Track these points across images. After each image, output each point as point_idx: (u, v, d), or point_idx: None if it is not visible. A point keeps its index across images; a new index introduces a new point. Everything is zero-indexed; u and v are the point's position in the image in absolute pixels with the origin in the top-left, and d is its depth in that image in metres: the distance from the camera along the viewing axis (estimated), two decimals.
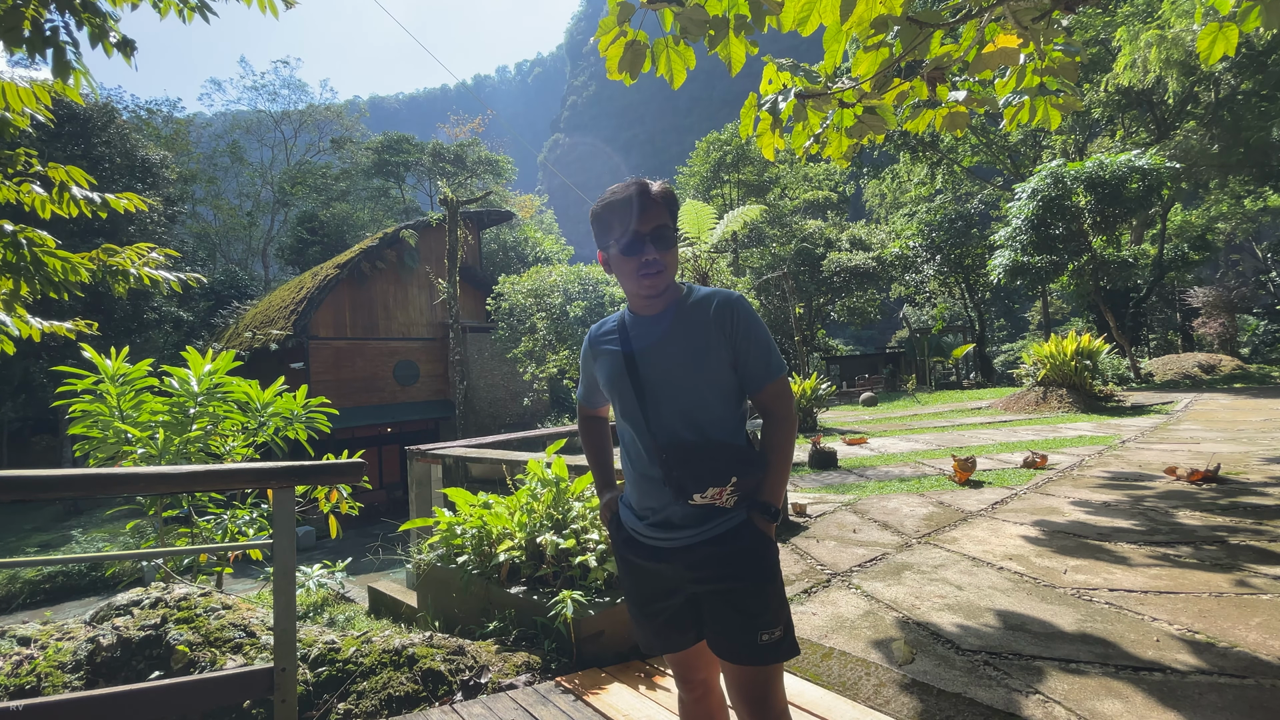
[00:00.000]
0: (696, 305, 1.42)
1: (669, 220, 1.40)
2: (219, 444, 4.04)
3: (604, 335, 1.53)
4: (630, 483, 1.50)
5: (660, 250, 1.35)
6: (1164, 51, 12.75)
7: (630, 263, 1.36)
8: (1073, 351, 9.93)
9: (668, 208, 1.40)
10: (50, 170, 3.29)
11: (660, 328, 1.42)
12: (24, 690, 2.27)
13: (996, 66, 2.51)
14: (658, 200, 1.37)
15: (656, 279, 1.36)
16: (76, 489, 1.58)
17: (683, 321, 1.41)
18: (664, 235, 1.37)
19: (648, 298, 1.41)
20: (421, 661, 2.46)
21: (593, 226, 1.42)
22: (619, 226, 1.36)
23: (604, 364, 1.49)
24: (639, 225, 1.34)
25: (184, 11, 3.51)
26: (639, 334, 1.44)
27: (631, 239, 1.35)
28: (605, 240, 1.40)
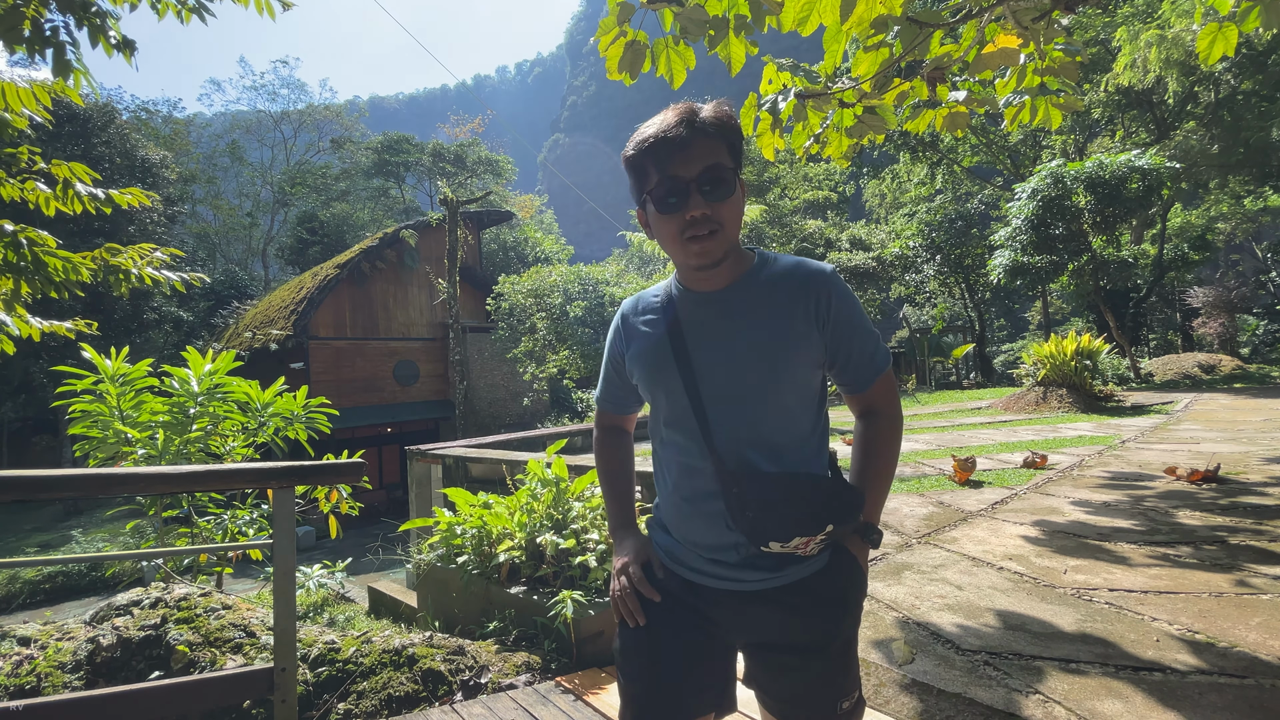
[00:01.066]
0: (777, 280, 1.08)
1: (727, 158, 1.01)
2: (219, 444, 4.04)
3: (644, 311, 1.17)
4: (670, 506, 1.14)
5: (713, 201, 0.98)
6: (1164, 51, 12.75)
7: (670, 222, 1.00)
8: (1073, 351, 9.93)
9: (724, 140, 1.01)
10: (54, 167, 3.30)
11: (725, 308, 1.08)
12: (24, 690, 2.27)
13: (997, 66, 2.51)
14: (708, 129, 1.00)
15: (709, 243, 1.00)
16: (77, 489, 1.58)
17: (757, 301, 1.07)
18: (718, 180, 0.99)
19: (700, 269, 1.05)
20: (421, 661, 2.46)
21: (628, 175, 1.07)
22: (655, 171, 1.00)
23: (642, 350, 1.14)
24: (679, 167, 0.98)
25: (182, 12, 3.51)
26: (694, 315, 1.10)
27: (669, 187, 0.98)
28: (640, 191, 1.04)
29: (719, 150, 1.01)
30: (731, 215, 1.02)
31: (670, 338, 1.11)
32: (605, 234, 47.27)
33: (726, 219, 1.01)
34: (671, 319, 1.13)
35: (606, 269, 16.43)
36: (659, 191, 1.00)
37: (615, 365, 1.25)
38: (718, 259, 1.03)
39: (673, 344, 1.11)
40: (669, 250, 1.06)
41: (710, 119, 1.01)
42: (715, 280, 1.09)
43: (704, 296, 1.11)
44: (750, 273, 1.10)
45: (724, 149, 1.02)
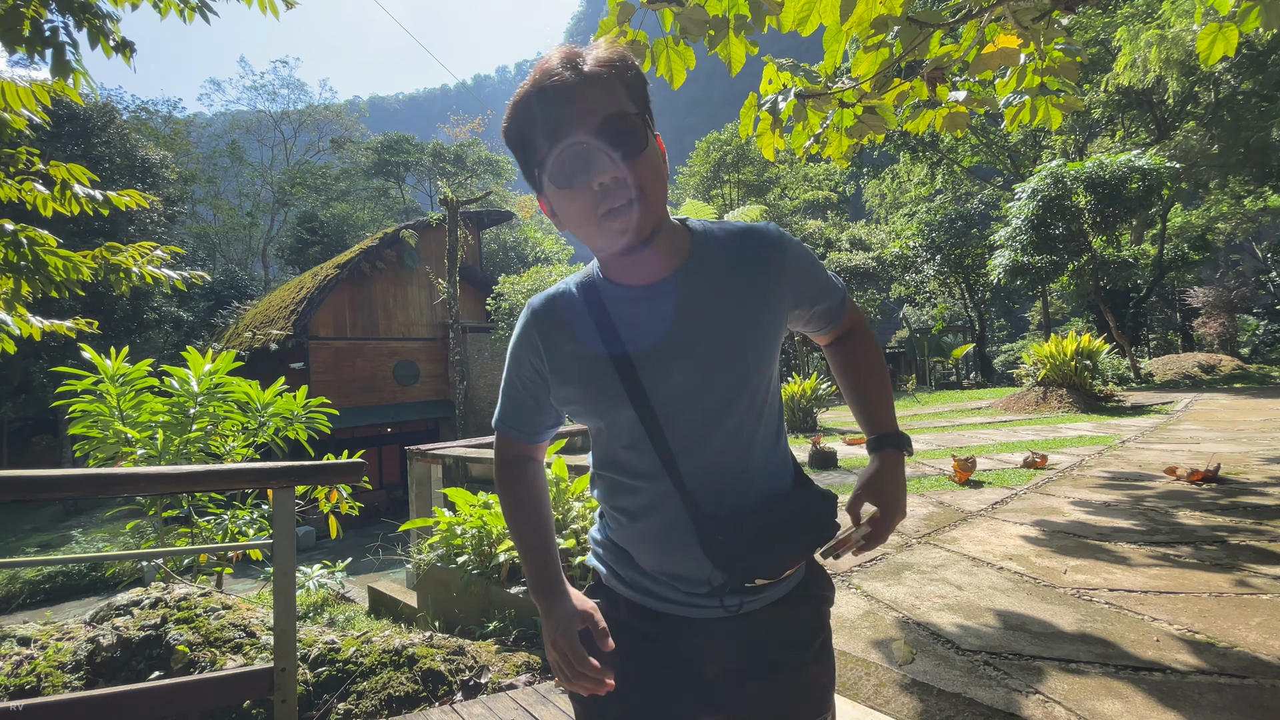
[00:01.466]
0: (725, 257, 0.90)
1: (629, 103, 0.80)
2: (219, 444, 4.04)
3: (564, 313, 0.93)
4: (625, 532, 0.95)
5: (624, 160, 0.77)
6: (1164, 51, 12.75)
7: (576, 198, 0.79)
8: (1073, 351, 9.94)
9: (623, 83, 0.80)
10: (52, 168, 3.29)
11: (669, 306, 0.86)
12: (24, 690, 2.27)
13: (996, 66, 2.51)
14: (599, 71, 0.77)
15: (628, 215, 0.78)
16: (77, 489, 1.58)
17: (707, 290, 0.87)
18: (624, 131, 0.77)
19: (627, 252, 0.83)
20: (421, 661, 2.46)
21: (514, 155, 0.85)
22: (543, 138, 0.78)
23: (575, 371, 0.91)
24: (572, 125, 0.76)
25: (184, 11, 3.51)
26: (633, 319, 0.88)
27: (565, 153, 0.77)
28: (530, 168, 0.83)
29: (617, 94, 0.78)
30: (651, 175, 0.80)
31: (610, 353, 0.88)
32: None
33: (645, 180, 0.79)
34: (605, 327, 0.89)
35: None
36: (554, 162, 0.78)
37: (527, 382, 0.98)
38: (645, 234, 0.81)
39: (615, 362, 0.87)
40: (584, 236, 0.84)
41: (600, 58, 0.79)
42: (649, 268, 0.87)
43: (640, 293, 0.88)
44: (691, 254, 0.89)
45: (623, 92, 0.79)
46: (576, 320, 0.92)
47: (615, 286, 0.91)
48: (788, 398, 10.18)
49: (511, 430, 1.05)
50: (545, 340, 0.94)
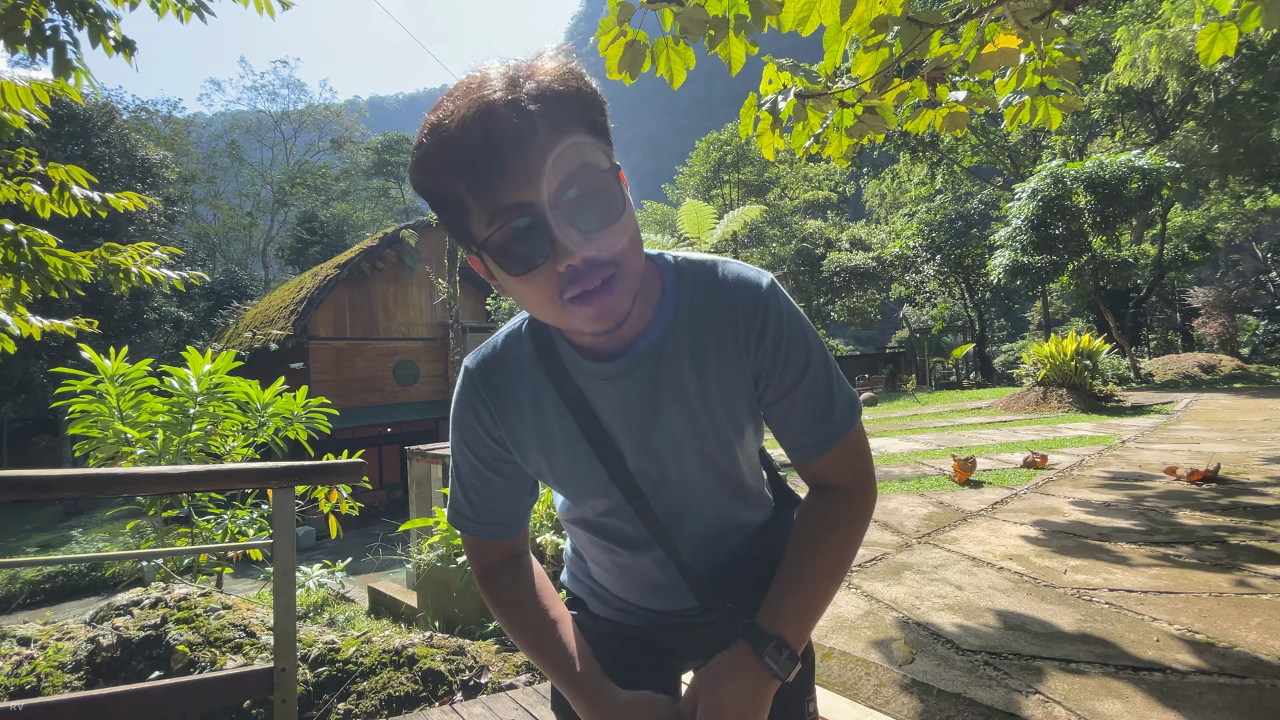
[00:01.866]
0: (701, 315, 0.74)
1: (597, 148, 0.61)
2: (219, 444, 4.04)
3: (515, 376, 0.78)
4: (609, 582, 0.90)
5: (595, 231, 0.59)
6: (1164, 51, 12.75)
7: (534, 284, 0.61)
8: (1073, 351, 9.94)
9: (584, 118, 0.60)
10: (50, 170, 3.30)
11: (643, 379, 0.74)
12: (24, 690, 2.27)
13: (996, 66, 2.51)
14: (553, 111, 0.57)
15: (606, 297, 0.61)
16: (77, 489, 1.58)
17: (684, 357, 0.74)
18: (595, 192, 0.60)
19: (600, 334, 0.67)
20: (421, 662, 2.46)
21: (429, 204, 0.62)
22: (475, 203, 0.58)
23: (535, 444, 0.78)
24: (520, 188, 0.56)
25: (181, 11, 3.51)
26: (604, 393, 0.75)
27: (515, 228, 0.58)
28: (458, 233, 0.62)
29: (579, 139, 0.58)
30: (629, 243, 0.63)
31: (580, 426, 0.75)
32: None
33: (624, 251, 0.62)
34: (572, 395, 0.75)
35: None
36: (501, 241, 0.58)
37: (490, 460, 0.80)
38: (623, 315, 0.64)
39: (588, 438, 0.75)
40: (544, 319, 0.68)
41: (550, 86, 0.58)
42: (617, 335, 0.71)
43: (608, 369, 0.74)
44: (661, 305, 0.75)
45: (584, 134, 0.59)
46: (533, 387, 0.77)
47: (574, 354, 0.75)
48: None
49: (485, 528, 0.83)
50: (499, 410, 0.77)
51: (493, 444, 0.79)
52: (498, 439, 0.79)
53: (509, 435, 0.78)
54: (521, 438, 0.78)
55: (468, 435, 0.79)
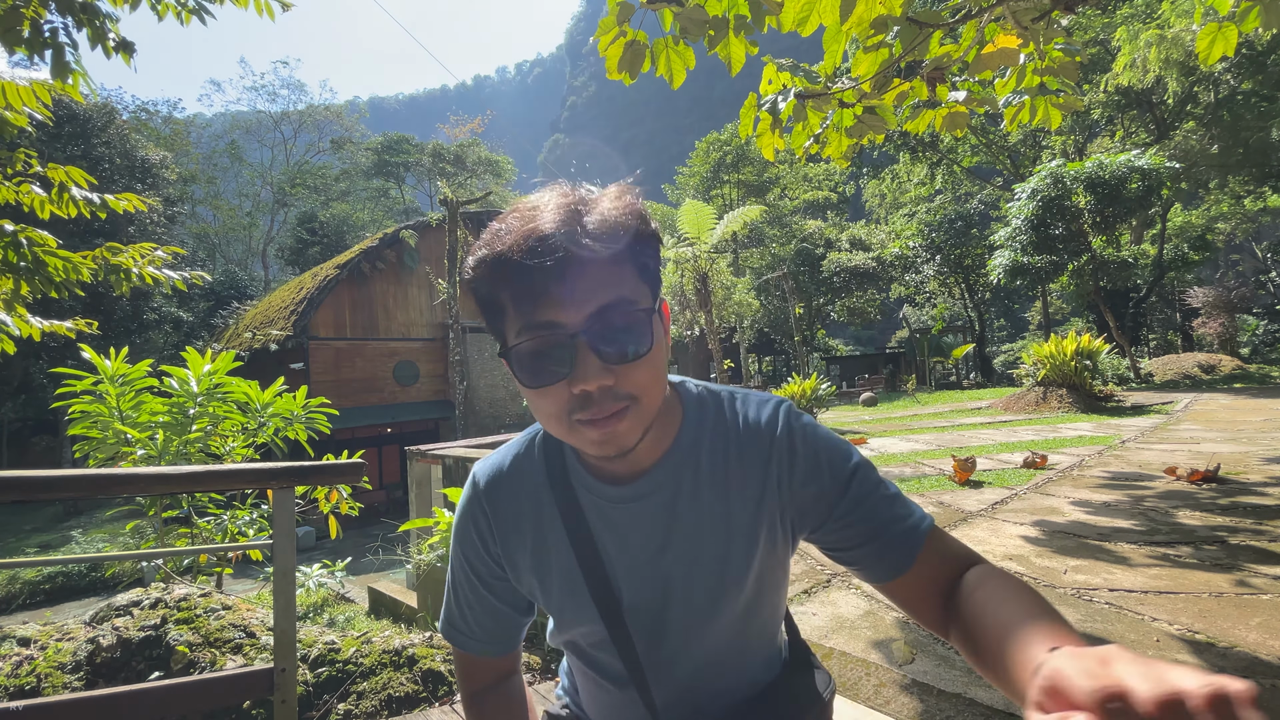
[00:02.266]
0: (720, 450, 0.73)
1: (636, 286, 0.63)
2: (219, 444, 4.04)
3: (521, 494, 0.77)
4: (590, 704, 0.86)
5: (616, 364, 0.61)
6: (1163, 51, 12.75)
7: (548, 397, 0.63)
8: (1073, 351, 9.94)
9: (634, 258, 0.63)
10: (50, 171, 3.30)
11: (653, 512, 0.72)
12: (24, 691, 2.27)
13: (996, 66, 2.51)
14: (603, 240, 0.59)
15: (613, 426, 0.62)
16: (76, 489, 1.58)
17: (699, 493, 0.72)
18: (625, 327, 0.61)
19: (604, 459, 0.69)
20: (422, 662, 2.46)
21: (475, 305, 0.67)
22: (515, 311, 0.62)
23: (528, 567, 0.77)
24: (554, 309, 0.59)
25: (181, 13, 3.51)
26: (609, 515, 0.74)
27: (541, 342, 0.60)
28: (496, 332, 0.66)
29: (623, 275, 0.61)
30: (651, 380, 0.63)
31: (577, 556, 0.73)
32: None
33: (643, 386, 0.62)
34: (574, 521, 0.73)
35: None
36: (525, 351, 0.61)
37: (486, 577, 0.79)
38: (629, 446, 0.64)
39: (584, 569, 0.73)
40: (552, 432, 0.68)
41: (607, 219, 0.60)
42: (632, 462, 0.71)
43: (618, 492, 0.73)
44: (680, 438, 0.73)
45: (630, 270, 0.62)
46: (538, 507, 0.76)
47: (587, 476, 0.74)
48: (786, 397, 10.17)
49: (477, 644, 0.81)
50: (499, 527, 0.77)
51: (490, 561, 0.79)
52: (495, 557, 0.78)
53: (505, 555, 0.77)
54: (518, 559, 0.77)
55: (467, 549, 0.80)
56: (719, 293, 11.40)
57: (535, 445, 0.79)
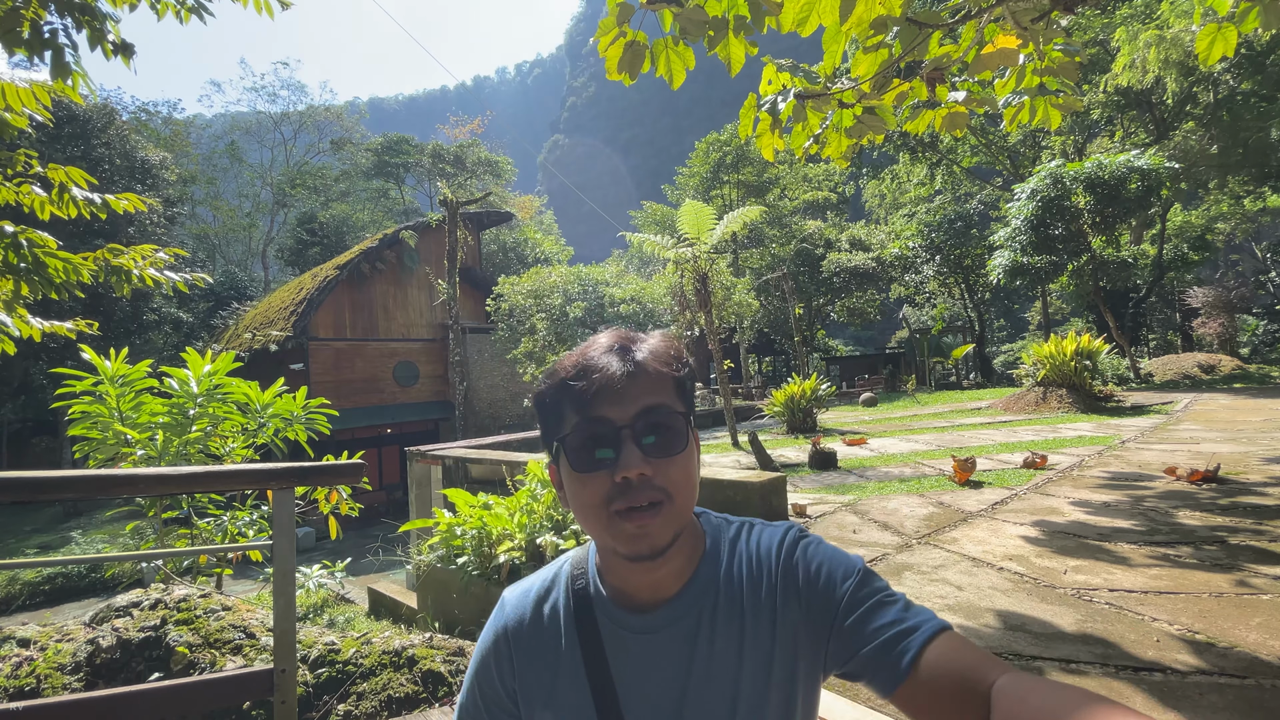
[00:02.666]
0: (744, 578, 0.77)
1: (676, 399, 0.74)
2: (219, 445, 4.04)
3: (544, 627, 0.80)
4: None
5: (655, 459, 0.70)
6: (1163, 52, 12.76)
7: (591, 485, 0.70)
8: (1072, 352, 9.94)
9: (673, 379, 0.75)
10: (50, 171, 3.30)
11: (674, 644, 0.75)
12: (24, 692, 2.26)
13: (996, 67, 2.51)
14: (649, 365, 0.73)
15: (650, 520, 0.69)
16: (76, 490, 1.58)
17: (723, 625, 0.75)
18: (664, 427, 0.72)
19: (636, 559, 0.72)
20: (422, 663, 2.46)
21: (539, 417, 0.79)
22: (572, 412, 0.72)
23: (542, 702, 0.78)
24: (608, 407, 0.70)
25: (181, 12, 3.51)
26: (630, 647, 0.76)
27: (591, 433, 0.71)
28: (552, 436, 0.76)
29: (664, 388, 0.73)
30: (684, 480, 0.71)
31: (595, 701, 0.74)
32: (605, 234, 47.31)
33: (677, 483, 0.70)
34: (594, 661, 0.75)
35: (606, 270, 16.46)
36: (576, 439, 0.71)
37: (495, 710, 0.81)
38: (661, 546, 0.70)
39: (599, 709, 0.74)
40: (589, 527, 0.73)
41: (655, 349, 0.75)
42: (657, 584, 0.75)
43: (640, 623, 0.75)
44: (701, 569, 0.77)
45: (671, 387, 0.74)
46: (559, 644, 0.78)
47: (613, 607, 0.77)
48: (787, 398, 10.17)
49: None
50: (519, 658, 0.79)
51: (502, 693, 0.80)
52: (510, 692, 0.80)
53: (521, 689, 0.79)
54: (533, 693, 0.78)
55: (482, 676, 0.81)
56: (719, 293, 11.39)
57: (562, 573, 0.84)
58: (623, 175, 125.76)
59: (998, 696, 0.58)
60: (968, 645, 0.66)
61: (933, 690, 0.63)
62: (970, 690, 0.61)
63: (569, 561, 0.85)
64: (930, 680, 0.63)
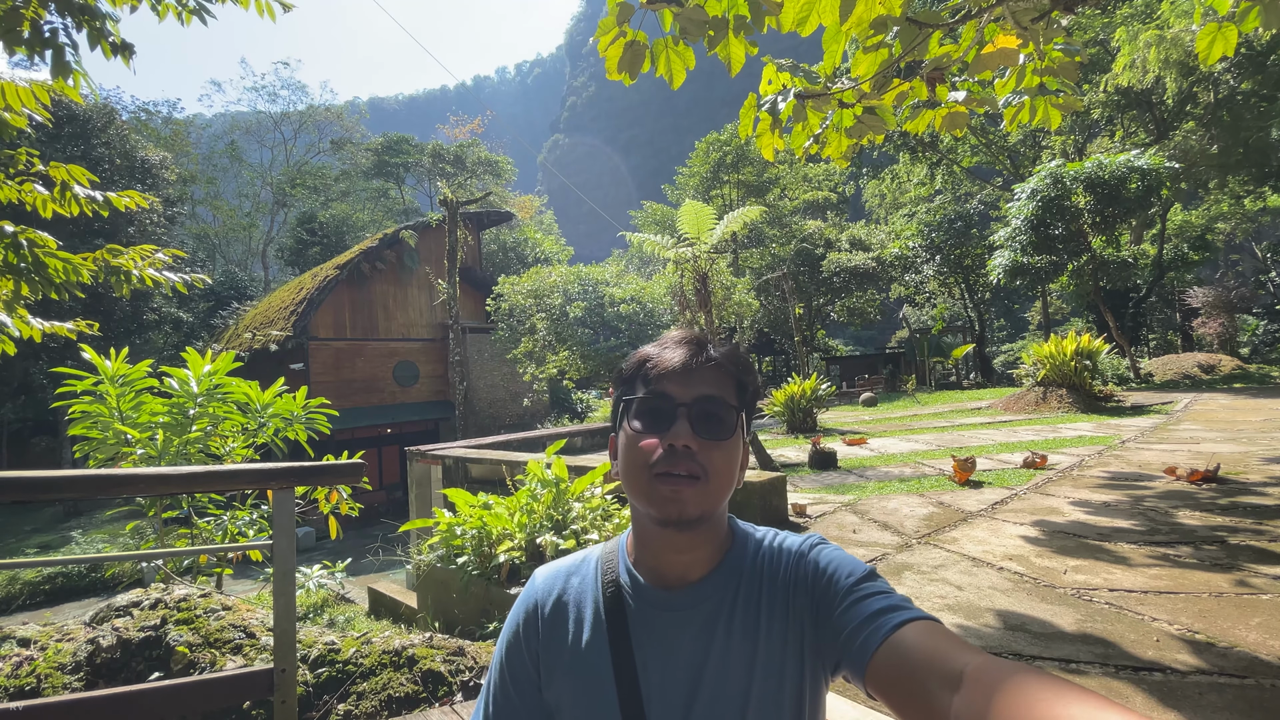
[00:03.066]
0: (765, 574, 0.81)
1: (733, 394, 0.82)
2: (219, 445, 4.04)
3: (571, 604, 0.85)
4: None
5: (703, 437, 0.77)
6: (1163, 52, 12.76)
7: (643, 446, 0.78)
8: (1072, 352, 9.94)
9: (734, 375, 0.83)
10: (52, 169, 3.30)
11: (695, 621, 0.79)
12: (24, 691, 2.27)
13: (996, 67, 2.51)
14: (717, 361, 0.82)
15: (685, 488, 0.75)
16: (77, 490, 1.58)
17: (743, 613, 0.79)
18: (716, 414, 0.79)
19: (664, 523, 0.77)
20: (421, 662, 2.46)
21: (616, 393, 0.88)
22: (643, 386, 0.82)
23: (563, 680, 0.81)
24: (673, 386, 0.79)
25: (182, 14, 3.51)
26: (653, 622, 0.80)
27: (654, 403, 0.79)
28: (628, 390, 0.84)
29: (725, 383, 0.82)
30: (723, 466, 0.78)
31: (616, 677, 0.78)
32: (605, 234, 47.30)
33: (716, 468, 0.77)
34: (619, 641, 0.80)
35: (606, 269, 16.46)
36: (641, 405, 0.80)
37: (521, 684, 0.84)
38: (690, 516, 0.76)
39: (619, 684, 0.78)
40: (631, 488, 0.79)
41: (726, 351, 0.85)
42: (686, 567, 0.81)
43: (665, 599, 0.80)
44: (725, 564, 0.82)
45: (732, 385, 0.83)
46: (586, 615, 0.83)
47: (640, 585, 0.82)
48: (787, 398, 10.17)
49: None
50: (544, 625, 0.84)
51: (528, 661, 0.84)
52: (534, 655, 0.84)
53: (544, 652, 0.83)
54: (555, 660, 0.82)
55: (511, 648, 0.86)
56: (719, 293, 11.40)
57: (592, 554, 0.91)
58: (623, 175, 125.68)
59: (966, 678, 0.57)
60: (946, 634, 0.64)
61: (900, 668, 0.62)
62: (939, 672, 0.59)
63: (599, 547, 0.91)
64: (899, 659, 0.63)
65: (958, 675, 0.57)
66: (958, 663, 0.58)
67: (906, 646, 0.63)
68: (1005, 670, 0.55)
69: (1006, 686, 0.53)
